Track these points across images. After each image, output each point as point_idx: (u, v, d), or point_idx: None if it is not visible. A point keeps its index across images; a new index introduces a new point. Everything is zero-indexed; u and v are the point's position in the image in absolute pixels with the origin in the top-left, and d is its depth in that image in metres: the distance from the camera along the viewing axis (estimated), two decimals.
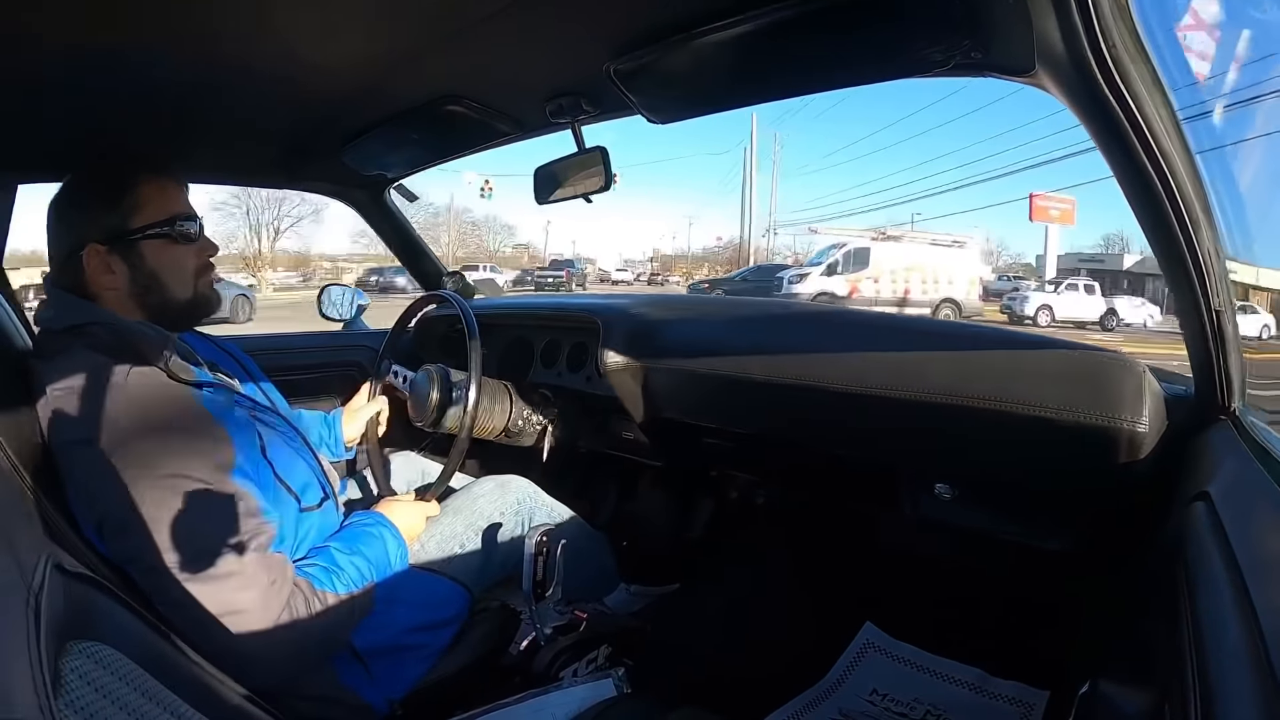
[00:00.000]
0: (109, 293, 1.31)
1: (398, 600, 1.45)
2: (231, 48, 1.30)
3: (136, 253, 1.32)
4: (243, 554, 1.17)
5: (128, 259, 1.32)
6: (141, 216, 1.33)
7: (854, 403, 1.53)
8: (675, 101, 1.55)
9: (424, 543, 1.58)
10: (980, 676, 1.97)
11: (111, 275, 1.30)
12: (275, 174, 2.30)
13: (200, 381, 1.27)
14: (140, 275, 1.33)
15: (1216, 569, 0.72)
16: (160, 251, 1.35)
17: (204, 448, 1.18)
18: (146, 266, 1.33)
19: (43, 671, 0.58)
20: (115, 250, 1.30)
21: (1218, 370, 1.14)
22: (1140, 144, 0.93)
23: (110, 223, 1.30)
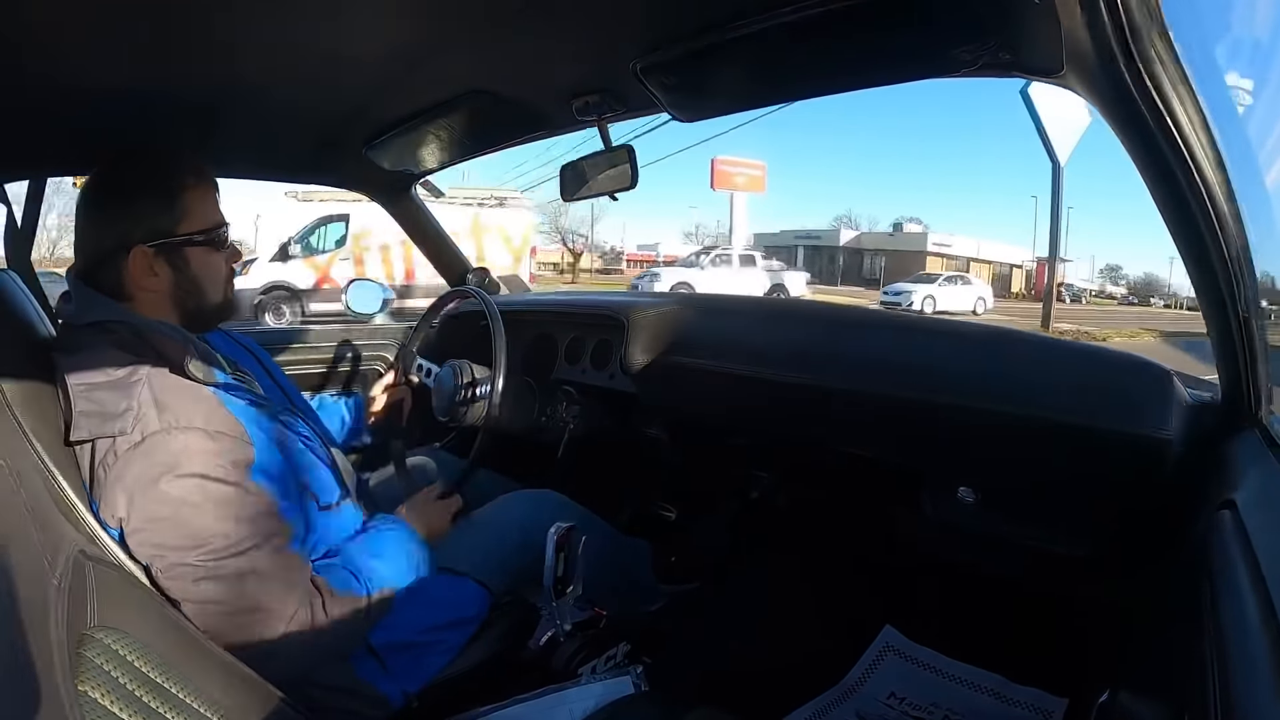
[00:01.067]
0: (148, 294, 1.32)
1: (419, 600, 1.45)
2: (260, 42, 1.30)
3: (182, 257, 1.34)
4: (260, 553, 1.18)
5: (173, 263, 1.33)
6: (189, 222, 1.34)
7: (878, 405, 1.52)
8: (701, 100, 1.55)
9: (452, 551, 1.58)
10: (1000, 682, 1.95)
11: (154, 278, 1.31)
12: (301, 169, 2.32)
13: (219, 382, 1.27)
14: (183, 280, 1.35)
15: (1241, 580, 0.71)
16: (202, 257, 1.37)
17: (223, 447, 1.19)
18: (190, 272, 1.35)
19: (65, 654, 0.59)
20: (161, 253, 1.31)
21: (1245, 377, 1.13)
22: (1169, 145, 0.92)
23: (160, 226, 1.31)
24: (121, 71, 1.35)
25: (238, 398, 1.29)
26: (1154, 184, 1.00)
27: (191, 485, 1.14)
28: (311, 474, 1.40)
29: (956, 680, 2.01)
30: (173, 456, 1.14)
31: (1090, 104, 1.02)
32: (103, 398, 1.16)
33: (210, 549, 1.13)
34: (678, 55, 1.33)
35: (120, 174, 1.34)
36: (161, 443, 1.14)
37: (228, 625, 1.14)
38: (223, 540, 1.15)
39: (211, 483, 1.16)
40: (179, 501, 1.13)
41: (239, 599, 1.15)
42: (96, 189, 1.33)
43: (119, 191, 1.32)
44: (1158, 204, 1.03)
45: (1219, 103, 0.95)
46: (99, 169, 1.35)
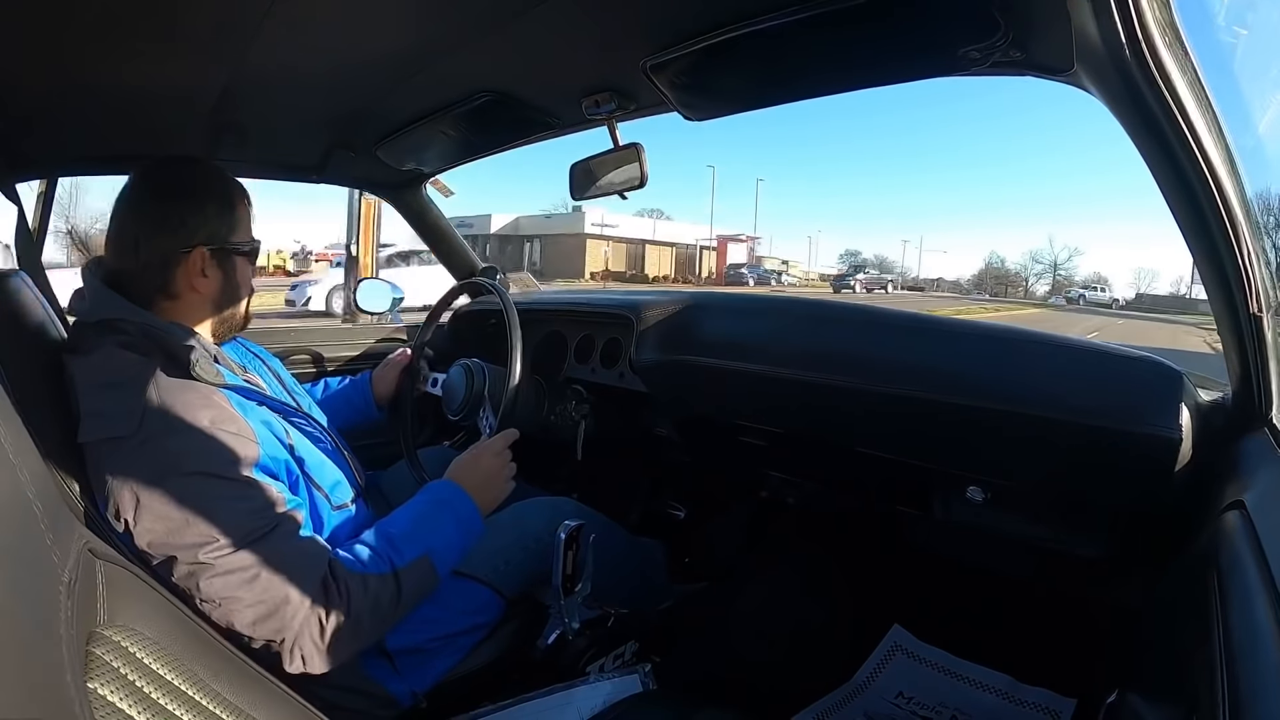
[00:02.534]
0: (195, 295, 1.35)
1: (433, 604, 1.43)
2: (272, 43, 1.31)
3: (231, 264, 1.39)
4: (272, 541, 1.17)
5: (224, 268, 1.38)
6: (241, 233, 1.39)
7: (888, 404, 1.52)
8: (711, 99, 1.55)
9: (468, 558, 1.57)
10: (1009, 683, 1.95)
11: (204, 280, 1.34)
12: (312, 169, 2.32)
13: (227, 383, 1.28)
14: (229, 285, 1.40)
15: (1251, 580, 0.71)
16: (245, 269, 1.44)
17: (228, 445, 1.19)
18: (235, 278, 1.41)
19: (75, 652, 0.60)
20: (216, 257, 1.35)
21: (1256, 378, 1.12)
22: (1180, 145, 0.91)
23: (220, 231, 1.35)
24: (133, 73, 1.36)
25: (245, 397, 1.30)
26: (1166, 184, 1.00)
27: (196, 483, 1.14)
28: (322, 473, 1.40)
29: (965, 680, 2.01)
30: (177, 455, 1.14)
31: (1103, 103, 1.01)
32: (109, 397, 1.16)
33: (219, 545, 1.12)
34: (687, 54, 1.33)
35: (183, 177, 1.37)
36: (165, 442, 1.15)
37: (249, 621, 1.13)
38: (233, 535, 1.14)
39: (217, 480, 1.16)
40: (184, 499, 1.13)
41: (257, 592, 1.14)
42: (158, 190, 1.34)
43: (186, 193, 1.35)
44: (1169, 204, 1.02)
45: (1231, 101, 0.95)
46: (151, 170, 1.36)
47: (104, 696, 0.64)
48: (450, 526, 1.44)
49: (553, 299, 2.71)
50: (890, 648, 2.16)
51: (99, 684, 0.64)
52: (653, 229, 55.82)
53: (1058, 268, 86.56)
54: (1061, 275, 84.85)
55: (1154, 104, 0.89)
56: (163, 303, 1.33)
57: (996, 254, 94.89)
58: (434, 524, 1.42)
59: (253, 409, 1.30)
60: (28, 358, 1.23)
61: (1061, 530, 1.60)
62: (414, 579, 1.33)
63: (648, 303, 2.02)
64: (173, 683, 0.73)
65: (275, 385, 1.58)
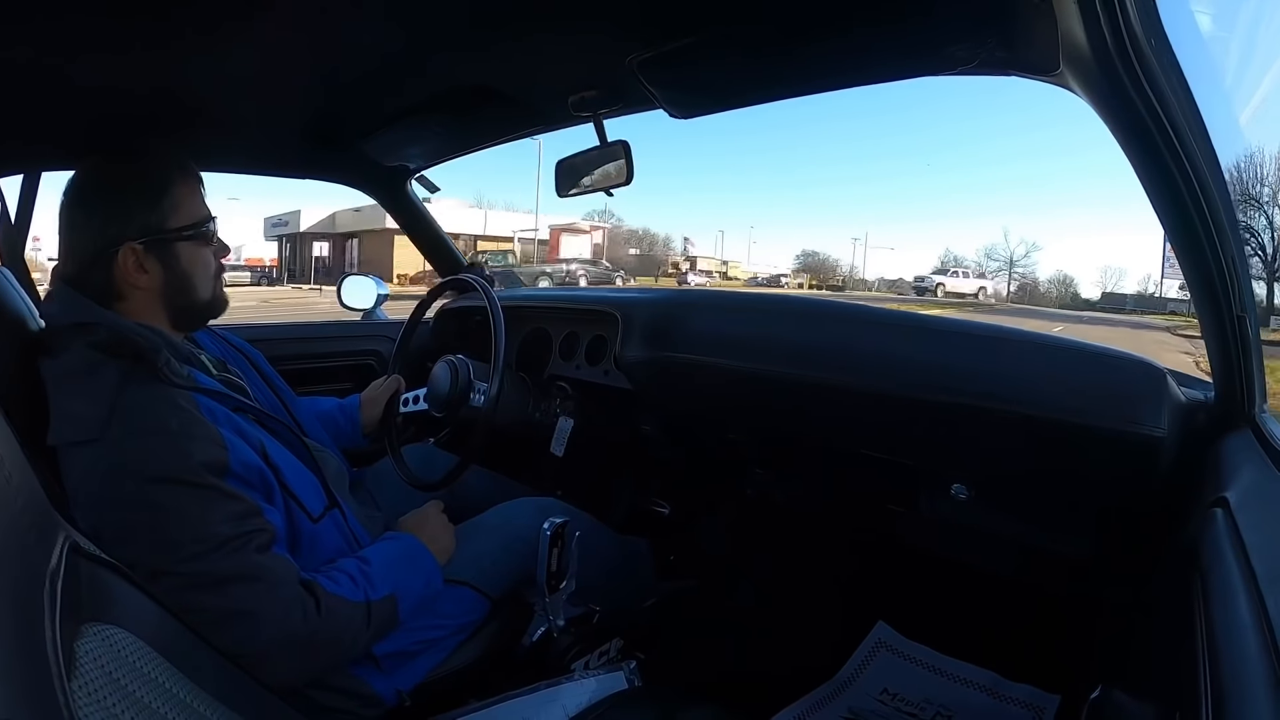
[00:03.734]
0: (138, 292, 1.30)
1: (418, 609, 1.43)
2: (256, 34, 1.30)
3: (172, 253, 1.32)
4: (242, 555, 1.15)
5: (163, 259, 1.31)
6: (178, 217, 1.33)
7: (873, 402, 1.53)
8: (697, 97, 1.55)
9: (454, 561, 1.56)
10: (993, 679, 1.97)
11: (144, 275, 1.30)
12: (297, 164, 2.31)
13: (198, 385, 1.25)
14: (174, 276, 1.33)
15: (1233, 577, 0.72)
16: (192, 253, 1.35)
17: (194, 450, 1.15)
18: (180, 267, 1.34)
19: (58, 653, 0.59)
20: (151, 250, 1.30)
21: (1239, 376, 1.14)
22: (1165, 146, 0.92)
23: (150, 222, 1.30)
24: (115, 67, 1.35)
25: (218, 401, 1.27)
26: (1150, 184, 1.01)
27: (163, 490, 1.12)
28: (298, 481, 1.36)
29: (949, 677, 2.02)
30: (144, 461, 1.12)
31: (1089, 104, 1.02)
32: (77, 401, 1.15)
33: (186, 554, 1.10)
34: (675, 52, 1.33)
35: (106, 172, 1.33)
36: (133, 447, 1.12)
37: (215, 634, 1.06)
38: (199, 545, 1.12)
39: (182, 486, 1.13)
40: (151, 506, 1.11)
41: (224, 604, 1.12)
42: (82, 189, 1.31)
43: (106, 190, 1.31)
44: (1154, 204, 1.03)
45: (1214, 103, 0.96)
46: (82, 169, 1.33)
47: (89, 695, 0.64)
48: (416, 575, 1.43)
49: (538, 295, 2.71)
50: (875, 644, 2.17)
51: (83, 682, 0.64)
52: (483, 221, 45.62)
53: (1015, 264, 78.47)
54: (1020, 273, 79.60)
55: (1139, 106, 0.90)
56: (114, 304, 1.29)
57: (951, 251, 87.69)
58: (403, 569, 1.41)
59: (224, 413, 1.26)
60: (9, 356, 1.22)
61: (1046, 527, 1.61)
62: (382, 615, 1.32)
63: (633, 300, 2.02)
64: (158, 680, 0.73)
65: (257, 380, 1.56)
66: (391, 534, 1.51)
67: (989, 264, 76.46)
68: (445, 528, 1.60)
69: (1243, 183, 1.35)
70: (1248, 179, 1.51)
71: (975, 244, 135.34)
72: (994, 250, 78.86)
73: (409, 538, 1.49)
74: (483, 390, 1.93)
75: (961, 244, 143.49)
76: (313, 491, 1.39)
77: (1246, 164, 1.36)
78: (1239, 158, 1.08)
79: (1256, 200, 2.62)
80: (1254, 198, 2.38)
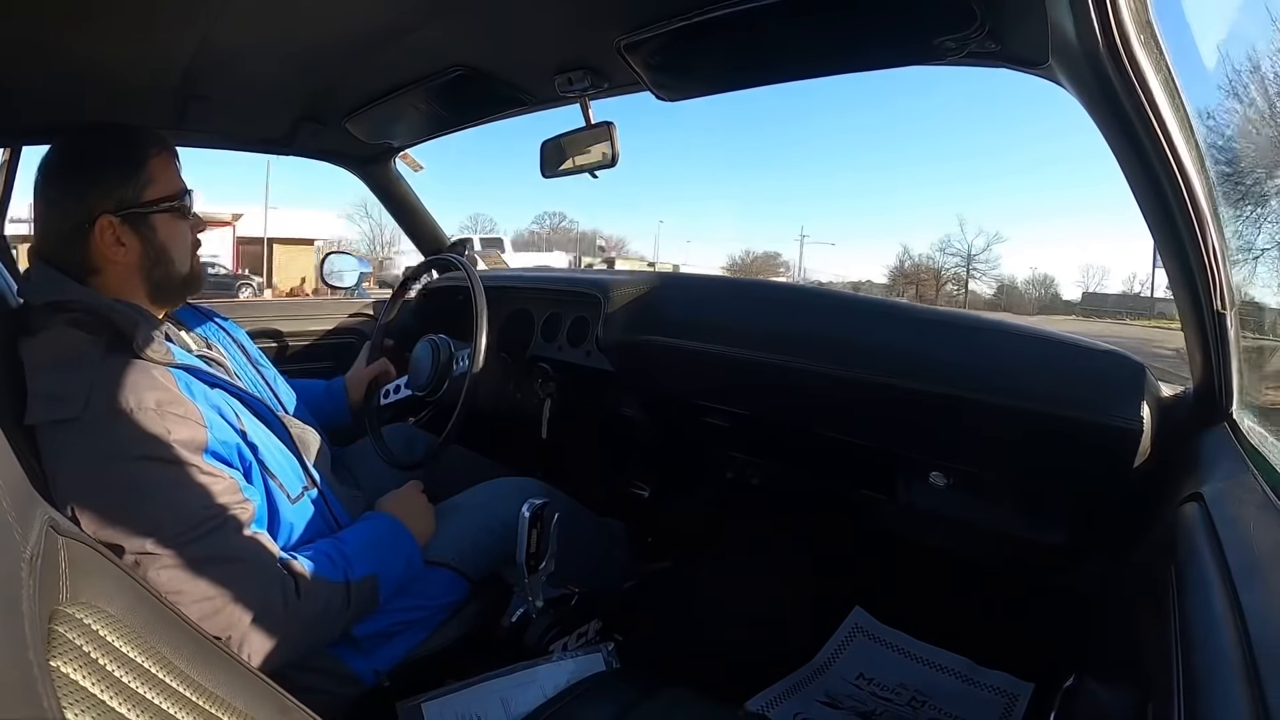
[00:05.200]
0: (115, 266, 1.29)
1: (398, 591, 1.43)
2: (237, 13, 1.29)
3: (149, 226, 1.31)
4: (222, 535, 1.15)
5: (140, 232, 1.30)
6: (154, 190, 1.32)
7: (852, 388, 1.53)
8: (684, 80, 1.54)
9: (435, 541, 1.56)
10: (968, 665, 1.98)
11: (121, 248, 1.29)
12: (279, 141, 2.29)
13: (178, 362, 1.24)
14: (150, 249, 1.32)
15: (1207, 571, 0.73)
16: (169, 226, 1.34)
17: (174, 428, 1.15)
18: (157, 240, 1.33)
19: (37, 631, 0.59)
20: (128, 222, 1.29)
21: (1217, 373, 1.14)
22: (1150, 141, 0.93)
23: (125, 195, 1.29)
24: (100, 41, 1.33)
25: (198, 378, 1.26)
26: (1134, 179, 1.01)
27: (142, 468, 1.11)
28: (277, 461, 1.36)
29: (925, 662, 2.04)
30: (122, 439, 1.11)
31: (1076, 98, 1.02)
32: (55, 380, 1.14)
33: (167, 534, 1.10)
34: (662, 34, 1.33)
35: (81, 146, 1.32)
36: (111, 425, 1.12)
37: (196, 617, 1.07)
38: (180, 525, 1.11)
39: (163, 465, 1.13)
40: (129, 485, 1.10)
41: (205, 586, 1.11)
42: (58, 163, 1.30)
43: (82, 164, 1.29)
44: (1137, 199, 1.04)
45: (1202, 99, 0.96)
46: (56, 144, 1.32)
47: (67, 675, 0.63)
48: (396, 556, 1.43)
49: (521, 276, 2.69)
50: (851, 629, 2.18)
51: (62, 662, 0.63)
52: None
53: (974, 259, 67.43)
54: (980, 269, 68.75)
55: (1126, 101, 0.90)
56: (91, 279, 1.28)
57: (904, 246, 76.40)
58: (383, 550, 1.42)
59: (203, 391, 1.25)
60: None
61: (1023, 517, 1.62)
62: (362, 595, 1.32)
63: (616, 282, 2.01)
64: (136, 660, 0.73)
65: (240, 358, 1.55)
66: (371, 514, 1.51)
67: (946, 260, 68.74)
68: (425, 508, 1.60)
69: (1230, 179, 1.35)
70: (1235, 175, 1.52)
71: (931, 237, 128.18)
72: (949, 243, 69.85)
73: (389, 518, 1.49)
74: (465, 357, 1.93)
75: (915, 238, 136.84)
76: (292, 471, 1.39)
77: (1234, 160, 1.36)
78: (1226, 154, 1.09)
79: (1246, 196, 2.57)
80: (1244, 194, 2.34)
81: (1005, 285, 68.65)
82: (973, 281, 68.12)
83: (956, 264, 67.87)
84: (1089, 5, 0.82)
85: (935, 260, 69.27)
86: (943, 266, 68.84)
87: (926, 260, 69.84)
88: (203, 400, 1.23)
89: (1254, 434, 1.09)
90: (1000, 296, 66.83)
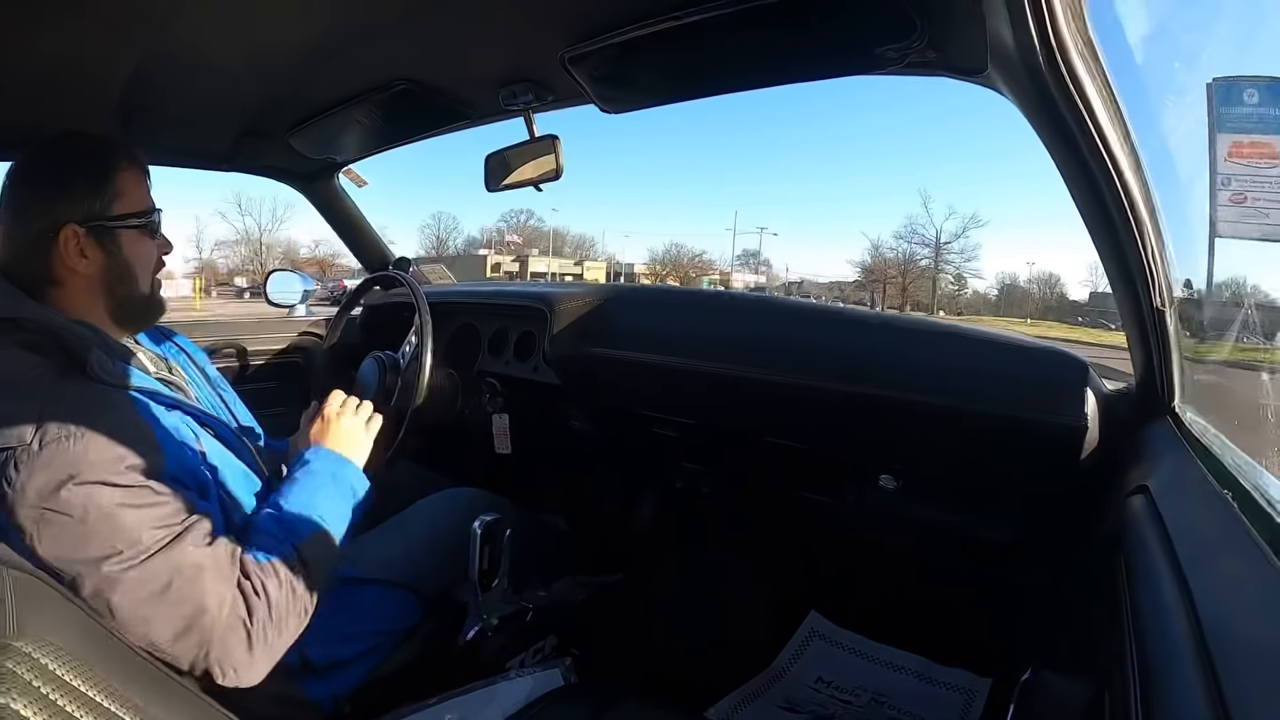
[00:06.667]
0: (77, 278, 1.25)
1: (353, 614, 1.41)
2: (180, 26, 1.27)
3: (114, 241, 1.27)
4: (182, 546, 1.11)
5: (104, 246, 1.26)
6: (122, 204, 1.28)
7: (799, 395, 1.54)
8: (628, 92, 1.55)
9: (385, 561, 1.53)
10: (925, 664, 2.00)
11: (84, 260, 1.24)
12: (221, 157, 2.26)
13: (134, 385, 1.21)
14: (114, 264, 1.28)
15: (1156, 560, 0.74)
16: (135, 242, 1.30)
17: (129, 453, 1.11)
18: (121, 256, 1.29)
19: None
20: (93, 235, 1.25)
21: (1158, 369, 1.17)
22: (1088, 145, 0.95)
23: (93, 206, 1.25)
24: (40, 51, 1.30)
25: (154, 401, 1.23)
26: (1071, 181, 1.04)
27: (95, 492, 1.07)
28: (236, 484, 1.32)
29: (882, 663, 2.06)
30: (74, 464, 1.06)
31: (1015, 105, 1.04)
32: (6, 404, 1.09)
33: (124, 556, 1.06)
34: (606, 47, 1.33)
35: (52, 155, 1.27)
36: (63, 450, 1.07)
37: (169, 638, 1.06)
38: (136, 546, 1.07)
39: (117, 489, 1.09)
40: (83, 511, 1.05)
41: (170, 605, 1.08)
42: (26, 170, 1.26)
43: (50, 172, 1.26)
44: (1076, 202, 1.06)
45: (1137, 101, 0.98)
46: (27, 152, 1.28)
47: (16, 711, 0.62)
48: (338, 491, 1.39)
49: (466, 291, 2.68)
50: (808, 634, 2.19)
51: (8, 698, 0.62)
52: None
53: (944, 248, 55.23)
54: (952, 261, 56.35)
55: (1064, 107, 0.92)
56: (50, 291, 1.24)
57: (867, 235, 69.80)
58: (321, 493, 1.37)
59: (160, 413, 1.22)
60: None
61: (973, 516, 1.65)
62: (317, 552, 1.28)
63: (562, 295, 2.01)
64: (85, 693, 0.71)
65: (199, 380, 1.52)
66: (299, 458, 1.45)
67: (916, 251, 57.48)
68: (352, 417, 1.55)
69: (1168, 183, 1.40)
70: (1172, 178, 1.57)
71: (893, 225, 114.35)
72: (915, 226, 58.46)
73: (316, 453, 1.44)
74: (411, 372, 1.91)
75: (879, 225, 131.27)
76: (253, 495, 1.35)
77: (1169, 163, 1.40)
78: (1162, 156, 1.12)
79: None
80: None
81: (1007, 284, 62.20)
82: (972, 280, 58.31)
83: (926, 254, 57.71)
84: (1027, 15, 0.84)
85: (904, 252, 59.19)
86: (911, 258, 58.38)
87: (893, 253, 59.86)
88: (160, 423, 1.20)
89: (1196, 425, 1.12)
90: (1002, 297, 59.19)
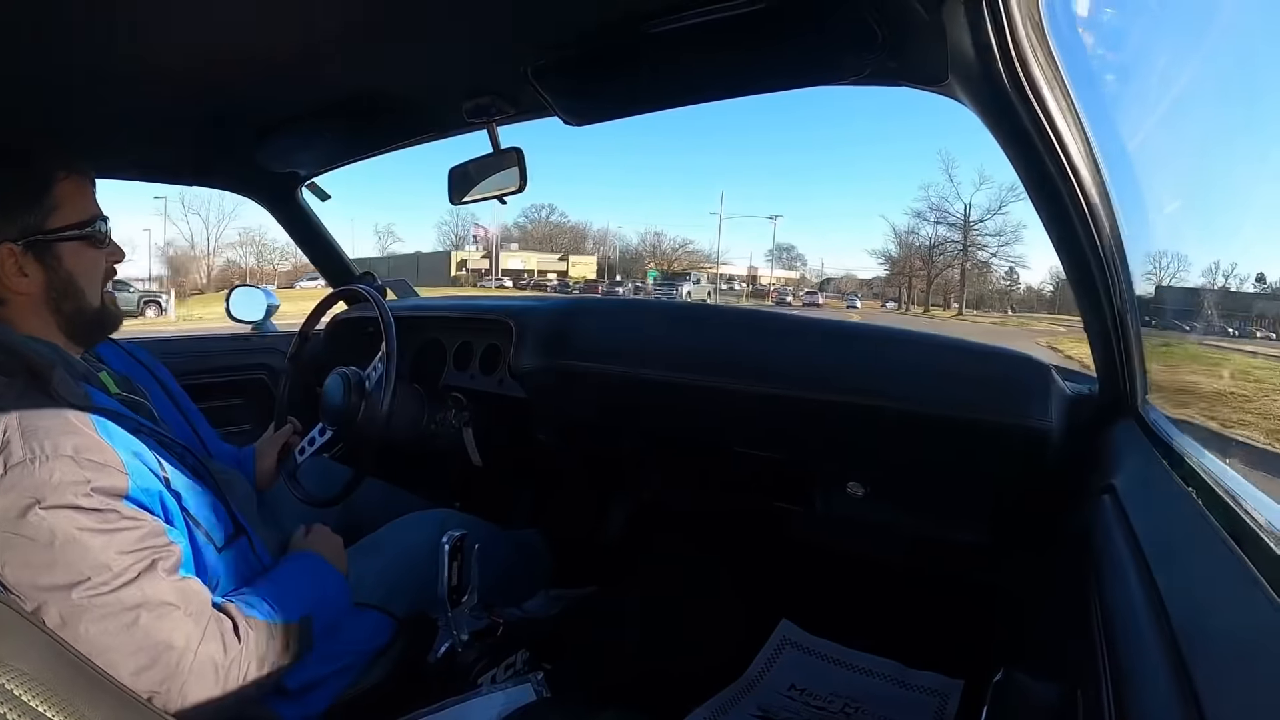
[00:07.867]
0: (19, 298, 1.22)
1: (324, 634, 1.38)
2: (140, 37, 1.25)
3: (54, 255, 1.24)
4: (150, 580, 1.09)
5: (44, 261, 1.23)
6: (60, 216, 1.24)
7: (764, 404, 1.55)
8: (593, 104, 1.55)
9: (357, 583, 1.52)
10: (898, 668, 2.02)
11: (25, 279, 1.21)
12: (183, 170, 2.23)
13: (96, 405, 1.18)
14: (56, 279, 1.25)
15: (1123, 558, 0.75)
16: (77, 254, 1.27)
17: (93, 476, 1.08)
18: (63, 270, 1.25)
19: None
20: (31, 251, 1.21)
21: (1121, 369, 1.19)
22: (1047, 152, 0.97)
23: (28, 221, 1.21)
24: None
25: (118, 422, 1.18)
26: (1031, 186, 1.05)
27: (61, 517, 1.04)
28: (201, 510, 1.29)
29: (855, 669, 2.07)
30: (38, 488, 1.04)
31: (975, 114, 1.05)
32: None
33: (91, 584, 1.04)
34: (570, 59, 1.33)
35: None
36: (26, 474, 1.04)
37: (131, 671, 1.04)
38: (104, 573, 1.05)
39: (83, 513, 1.06)
40: (49, 536, 1.03)
41: (138, 638, 1.05)
42: None
43: None
44: (1035, 205, 1.08)
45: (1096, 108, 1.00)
46: None
47: None
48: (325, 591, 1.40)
49: (430, 304, 2.67)
50: (780, 642, 2.20)
51: None
52: None
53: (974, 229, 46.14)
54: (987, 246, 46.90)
55: (1024, 115, 0.94)
56: None
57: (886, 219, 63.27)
58: (311, 587, 1.38)
59: (123, 436, 1.18)
60: None
61: (942, 519, 1.66)
62: (298, 635, 1.28)
63: (526, 308, 2.01)
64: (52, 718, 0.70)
65: (163, 400, 1.49)
66: (295, 553, 1.46)
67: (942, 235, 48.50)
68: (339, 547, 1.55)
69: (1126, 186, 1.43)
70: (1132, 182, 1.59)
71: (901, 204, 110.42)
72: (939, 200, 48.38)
73: (313, 555, 1.45)
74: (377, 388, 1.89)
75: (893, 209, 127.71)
76: (218, 519, 1.32)
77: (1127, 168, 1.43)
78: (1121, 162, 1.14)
79: None
80: None
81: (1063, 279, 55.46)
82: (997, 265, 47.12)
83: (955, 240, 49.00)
84: (987, 25, 0.85)
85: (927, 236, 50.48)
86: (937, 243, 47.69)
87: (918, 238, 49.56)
88: (123, 446, 1.16)
89: (1160, 425, 1.14)
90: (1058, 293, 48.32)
